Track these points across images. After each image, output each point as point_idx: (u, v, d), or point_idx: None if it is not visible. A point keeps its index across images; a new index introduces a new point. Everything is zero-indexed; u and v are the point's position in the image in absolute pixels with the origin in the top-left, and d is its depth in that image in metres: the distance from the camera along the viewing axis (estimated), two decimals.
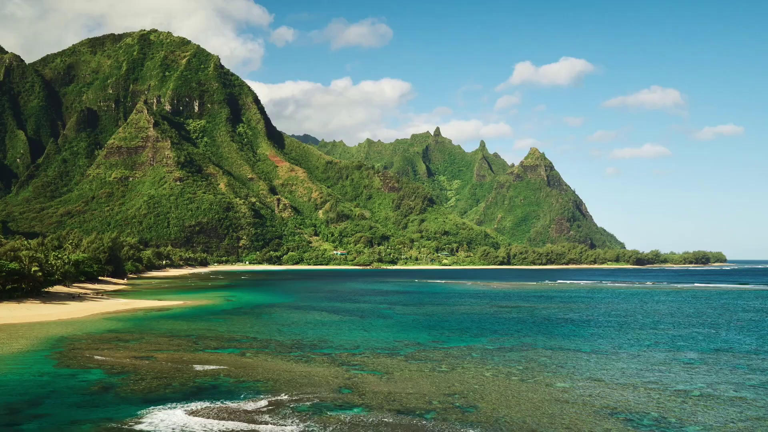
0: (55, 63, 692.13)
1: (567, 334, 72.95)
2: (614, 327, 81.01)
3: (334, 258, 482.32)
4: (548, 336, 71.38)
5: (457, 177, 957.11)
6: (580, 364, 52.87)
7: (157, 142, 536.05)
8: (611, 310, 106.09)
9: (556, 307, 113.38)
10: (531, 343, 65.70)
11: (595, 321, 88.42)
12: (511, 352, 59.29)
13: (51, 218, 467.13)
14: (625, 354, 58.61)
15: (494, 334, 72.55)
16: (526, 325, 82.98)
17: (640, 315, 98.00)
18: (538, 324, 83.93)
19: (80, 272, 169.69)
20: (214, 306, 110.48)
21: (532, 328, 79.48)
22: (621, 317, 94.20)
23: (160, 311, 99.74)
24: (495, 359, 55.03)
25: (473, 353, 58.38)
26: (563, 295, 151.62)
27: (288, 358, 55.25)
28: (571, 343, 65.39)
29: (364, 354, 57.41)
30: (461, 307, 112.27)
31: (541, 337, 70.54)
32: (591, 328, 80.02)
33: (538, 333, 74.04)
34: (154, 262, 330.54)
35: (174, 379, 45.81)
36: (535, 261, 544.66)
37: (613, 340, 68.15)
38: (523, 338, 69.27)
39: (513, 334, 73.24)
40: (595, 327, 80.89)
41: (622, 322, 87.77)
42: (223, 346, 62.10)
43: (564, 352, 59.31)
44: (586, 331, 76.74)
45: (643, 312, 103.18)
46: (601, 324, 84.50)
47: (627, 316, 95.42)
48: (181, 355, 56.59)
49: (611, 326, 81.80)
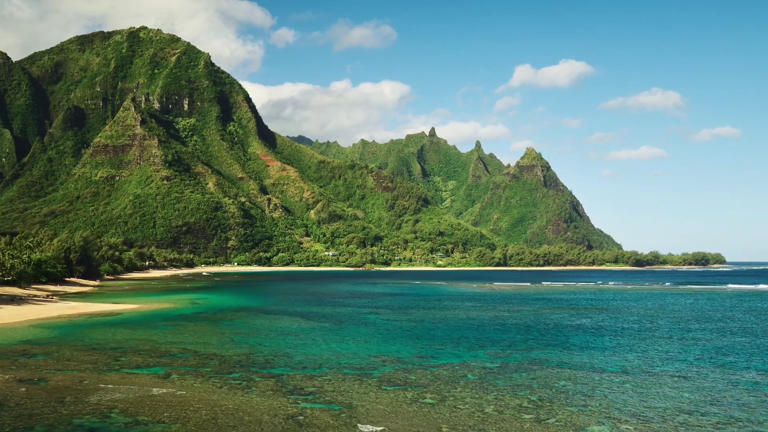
0: (42, 61, 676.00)
1: (584, 346, 59.39)
2: (637, 335, 67.53)
3: (325, 259, 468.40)
4: (562, 348, 57.81)
5: (452, 178, 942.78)
6: (613, 392, 39.27)
7: (144, 140, 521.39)
8: (626, 315, 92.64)
9: (563, 311, 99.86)
10: (542, 358, 52.11)
11: (612, 328, 74.88)
12: (518, 372, 45.64)
13: (34, 218, 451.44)
14: (667, 375, 44.98)
15: (495, 346, 58.97)
16: (532, 333, 69.41)
17: (662, 320, 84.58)
18: (547, 332, 70.38)
19: (41, 273, 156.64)
20: (174, 310, 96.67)
21: (541, 337, 65.92)
22: (641, 323, 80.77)
23: (107, 317, 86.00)
24: (498, 384, 41.37)
25: (469, 374, 44.71)
26: (568, 297, 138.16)
27: (223, 381, 41.55)
28: (592, 359, 51.79)
29: (326, 376, 43.72)
30: (455, 311, 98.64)
31: (554, 349, 56.98)
32: (610, 336, 66.48)
33: (548, 344, 60.46)
34: (136, 263, 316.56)
35: (44, 418, 32.12)
36: (532, 262, 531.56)
37: (643, 354, 54.59)
38: (531, 351, 55.67)
39: (518, 345, 59.67)
40: (614, 335, 67.37)
41: (643, 328, 74.37)
42: (149, 364, 48.37)
43: (587, 373, 45.69)
44: (606, 341, 63.17)
45: (664, 316, 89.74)
46: (620, 332, 70.99)
47: (647, 322, 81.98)
48: (85, 376, 42.86)
49: (633, 334, 68.32)
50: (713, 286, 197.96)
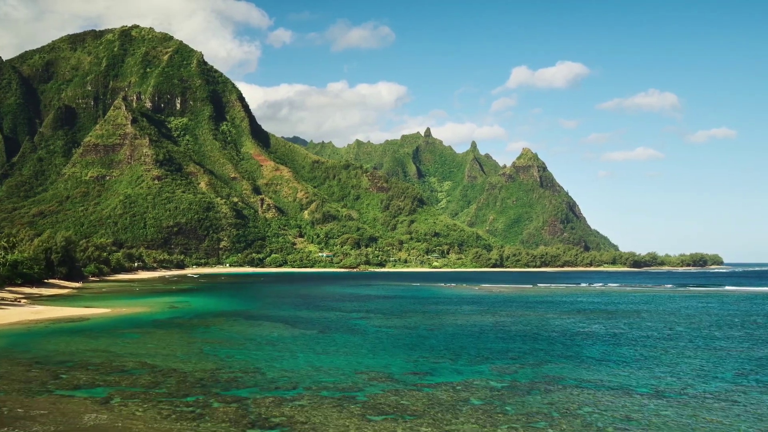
0: (33, 60, 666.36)
1: (603, 358, 51.91)
2: (658, 345, 60.14)
3: (319, 260, 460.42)
4: (578, 361, 50.31)
5: (448, 178, 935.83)
6: (652, 423, 31.80)
7: (135, 139, 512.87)
8: (639, 320, 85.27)
9: (569, 316, 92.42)
10: (557, 375, 44.62)
11: (628, 336, 67.47)
12: (531, 394, 38.13)
13: (23, 219, 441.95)
14: (710, 397, 37.50)
15: (500, 359, 51.45)
16: (540, 342, 61.95)
17: (680, 326, 77.24)
18: (557, 341, 62.92)
19: (17, 274, 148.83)
20: (148, 315, 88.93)
21: (550, 347, 58.46)
22: (658, 329, 73.42)
23: (72, 323, 78.26)
24: (509, 411, 33.85)
25: (473, 397, 37.18)
26: (571, 300, 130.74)
27: (173, 408, 33.96)
28: (616, 375, 44.29)
29: (301, 400, 36.15)
30: (453, 316, 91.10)
31: (569, 363, 49.49)
32: (628, 346, 59.07)
33: (561, 356, 52.97)
34: (124, 264, 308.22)
35: None
36: (529, 263, 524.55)
37: (673, 369, 47.12)
38: (542, 366, 48.17)
39: (526, 358, 52.15)
40: (633, 345, 59.97)
41: (662, 336, 67.01)
42: (93, 383, 40.73)
43: (614, 395, 38.20)
44: (626, 352, 55.71)
45: (680, 322, 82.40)
46: (638, 340, 63.58)
47: (664, 328, 74.66)
48: (7, 401, 35.26)
49: (654, 344, 60.94)
50: (718, 288, 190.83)
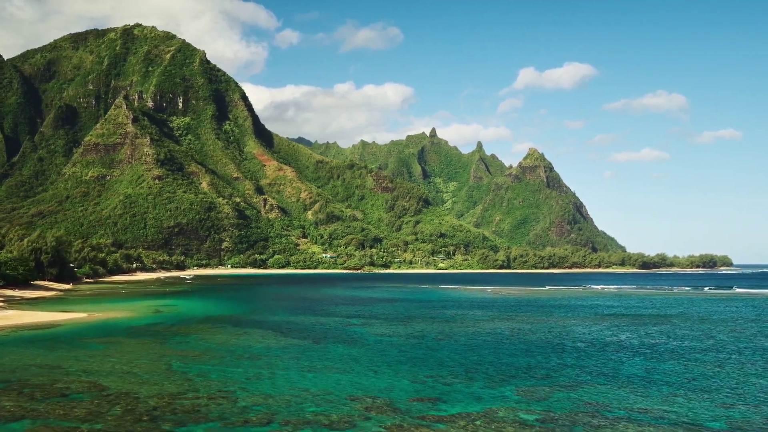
0: (35, 59, 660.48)
1: (649, 377, 42.96)
2: (707, 359, 51.22)
3: (322, 261, 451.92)
4: (619, 381, 41.40)
5: (453, 179, 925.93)
6: None
7: (136, 138, 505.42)
8: (671, 327, 76.26)
9: (592, 322, 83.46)
10: (599, 401, 35.82)
11: (667, 347, 58.55)
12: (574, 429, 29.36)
13: (21, 219, 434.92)
14: None
15: (525, 378, 42.65)
16: (568, 355, 53.08)
17: (721, 334, 68.24)
18: (586, 353, 54.03)
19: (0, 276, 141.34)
20: (126, 321, 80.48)
21: (581, 362, 49.58)
22: (698, 338, 64.42)
23: (38, 330, 69.99)
24: None
25: None
26: (589, 304, 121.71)
27: None
28: (676, 404, 35.41)
29: None
30: (463, 323, 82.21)
31: (608, 383, 40.63)
32: (674, 360, 50.11)
33: (597, 374, 44.09)
34: (121, 265, 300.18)
35: None
36: (537, 265, 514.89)
37: (742, 392, 38.15)
38: (578, 388, 39.32)
39: (556, 377, 43.29)
40: (677, 358, 51.04)
41: (707, 347, 58.06)
42: (15, 415, 32.21)
43: None
44: (674, 368, 46.72)
45: (720, 329, 73.34)
46: (682, 353, 54.67)
47: (705, 337, 65.68)
48: None
49: (703, 357, 52.01)
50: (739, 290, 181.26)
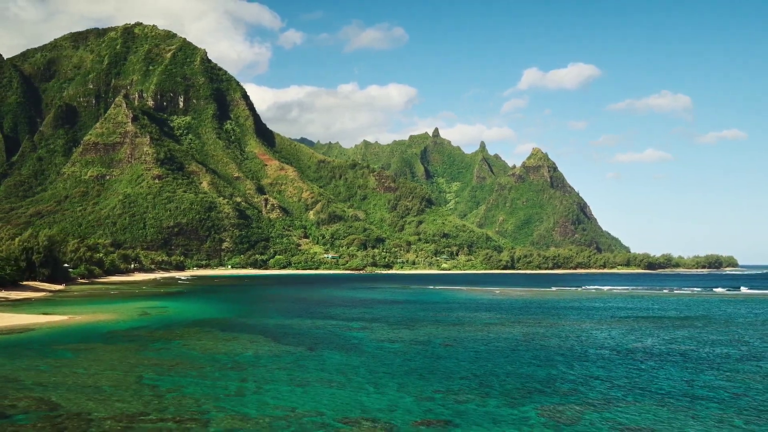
0: (35, 58, 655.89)
1: (691, 393, 37.05)
2: (750, 368, 45.30)
3: (324, 262, 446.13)
4: (657, 398, 35.51)
5: (456, 179, 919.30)
6: None
7: (136, 137, 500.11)
8: (697, 331, 70.21)
9: (610, 325, 77.49)
10: (637, 423, 30.00)
11: (699, 354, 52.56)
12: None
13: (19, 219, 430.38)
14: None
15: (547, 393, 36.79)
16: (592, 364, 47.14)
17: (752, 338, 62.32)
18: (613, 362, 48.06)
19: None
20: (107, 324, 74.81)
21: (609, 373, 43.62)
22: (731, 344, 58.41)
23: (10, 334, 64.56)
24: None
25: None
26: (601, 305, 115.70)
27: None
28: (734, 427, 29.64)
29: None
30: (472, 327, 76.26)
31: (645, 401, 34.73)
32: (712, 370, 44.19)
33: (629, 388, 38.16)
34: (119, 265, 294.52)
35: None
36: (541, 265, 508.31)
37: None
38: (611, 406, 33.46)
39: (583, 391, 37.42)
40: (717, 369, 45.11)
41: (744, 354, 52.16)
42: None
43: None
44: (716, 380, 40.78)
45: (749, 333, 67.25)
46: (718, 361, 48.70)
47: (737, 342, 59.65)
48: None
49: (744, 367, 46.03)
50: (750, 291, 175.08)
